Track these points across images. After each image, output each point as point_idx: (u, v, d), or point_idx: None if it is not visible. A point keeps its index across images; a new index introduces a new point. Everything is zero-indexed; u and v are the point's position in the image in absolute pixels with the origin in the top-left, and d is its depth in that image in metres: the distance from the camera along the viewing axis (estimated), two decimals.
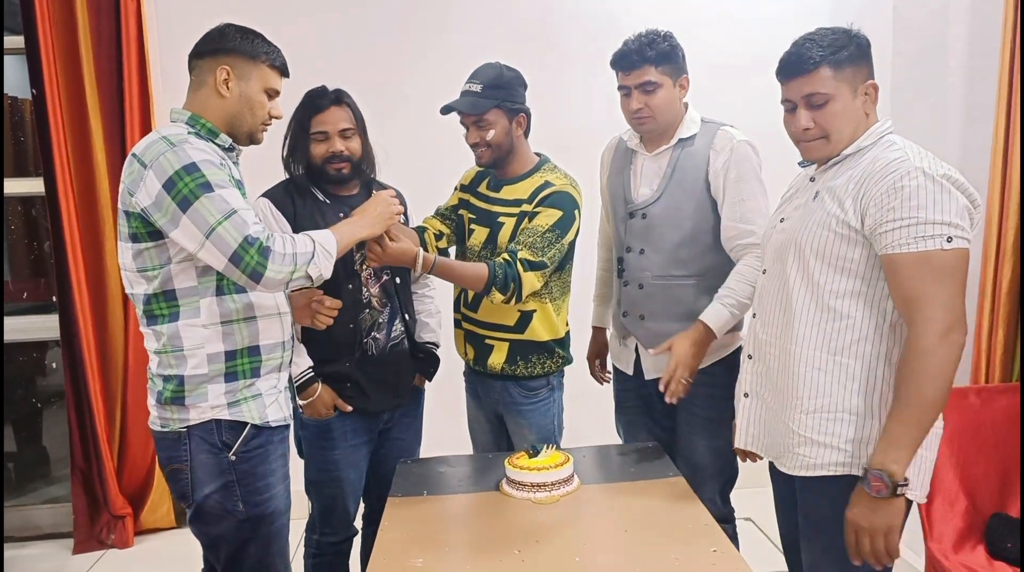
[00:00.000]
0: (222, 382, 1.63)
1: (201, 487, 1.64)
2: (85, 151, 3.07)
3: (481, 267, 1.97)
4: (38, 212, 3.54)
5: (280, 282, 1.55)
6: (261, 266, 1.50)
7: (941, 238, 1.38)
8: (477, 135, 2.05)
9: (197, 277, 1.60)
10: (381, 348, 2.10)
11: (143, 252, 1.58)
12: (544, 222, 2.01)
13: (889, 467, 1.37)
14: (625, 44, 2.00)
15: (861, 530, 1.41)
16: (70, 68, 3.02)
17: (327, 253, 1.62)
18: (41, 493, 3.58)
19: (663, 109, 2.00)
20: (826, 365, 1.52)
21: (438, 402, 2.41)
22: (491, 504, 1.78)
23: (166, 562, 3.06)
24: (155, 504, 3.28)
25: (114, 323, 3.17)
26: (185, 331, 1.60)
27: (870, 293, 1.49)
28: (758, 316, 1.69)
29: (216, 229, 1.49)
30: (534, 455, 1.85)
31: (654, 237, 2.07)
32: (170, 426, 1.63)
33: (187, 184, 1.49)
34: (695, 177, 2.02)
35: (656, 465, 1.96)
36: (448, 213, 2.29)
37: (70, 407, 3.16)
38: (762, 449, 1.70)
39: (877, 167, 1.45)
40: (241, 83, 1.65)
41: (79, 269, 3.07)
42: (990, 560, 2.20)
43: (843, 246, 1.48)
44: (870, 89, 1.52)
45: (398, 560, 1.52)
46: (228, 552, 1.69)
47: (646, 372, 2.14)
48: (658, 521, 1.66)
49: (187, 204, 1.49)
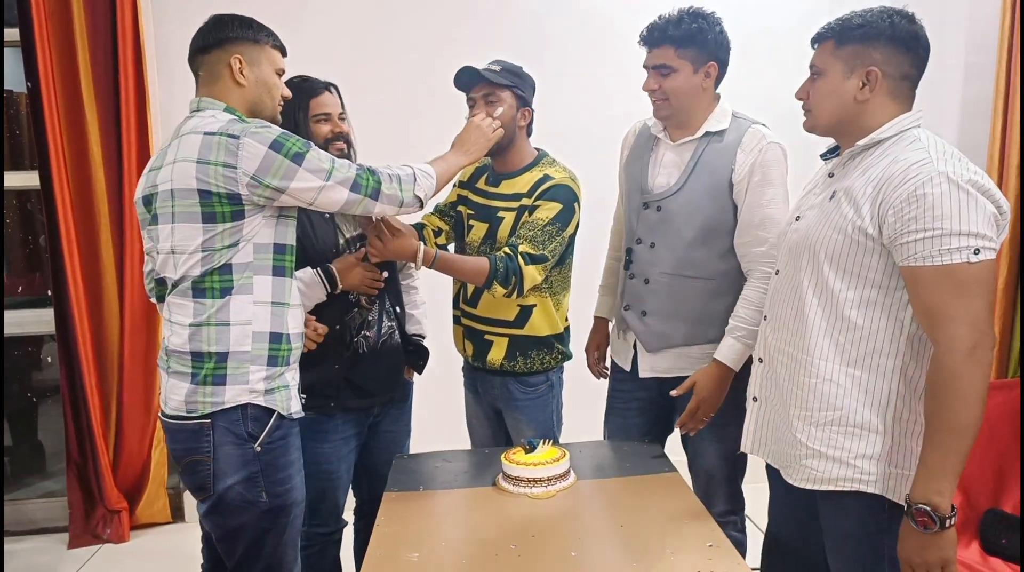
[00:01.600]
0: (264, 365, 1.64)
1: (224, 478, 1.62)
2: (81, 145, 3.05)
3: (482, 261, 1.97)
4: (33, 206, 3.53)
5: (394, 199, 1.69)
6: (378, 183, 1.67)
7: (968, 250, 1.29)
8: (484, 110, 2.02)
9: (254, 253, 1.62)
10: (372, 345, 2.09)
11: (218, 234, 1.58)
12: (544, 215, 2.00)
13: (932, 500, 1.30)
14: (656, 18, 1.92)
15: (916, 566, 1.34)
16: (65, 61, 3.00)
17: (427, 174, 1.76)
18: (36, 487, 3.56)
19: (679, 95, 1.91)
20: (838, 377, 1.46)
21: (436, 398, 2.41)
22: (487, 499, 1.78)
23: (162, 557, 3.04)
24: (151, 499, 3.27)
25: (110, 317, 3.16)
26: (235, 305, 1.61)
27: (887, 303, 1.41)
28: (769, 319, 1.64)
29: (333, 171, 1.63)
30: (530, 450, 1.85)
31: (667, 232, 1.98)
32: (199, 410, 1.61)
33: (294, 143, 1.60)
34: (719, 175, 1.92)
35: (652, 460, 1.96)
36: (447, 210, 2.28)
37: (65, 401, 3.15)
38: (768, 456, 1.66)
39: (897, 170, 1.37)
40: (255, 69, 1.69)
41: (74, 263, 3.06)
42: (984, 556, 2.21)
43: (859, 253, 1.41)
44: (871, 75, 1.44)
45: (394, 554, 1.52)
46: (246, 543, 1.68)
47: (642, 371, 2.08)
48: (654, 516, 1.66)
49: (300, 158, 1.59)
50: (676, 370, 2.03)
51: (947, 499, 1.30)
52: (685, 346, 2.02)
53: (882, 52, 1.43)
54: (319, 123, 2.03)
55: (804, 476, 1.52)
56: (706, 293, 1.98)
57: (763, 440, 1.66)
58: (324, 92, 2.04)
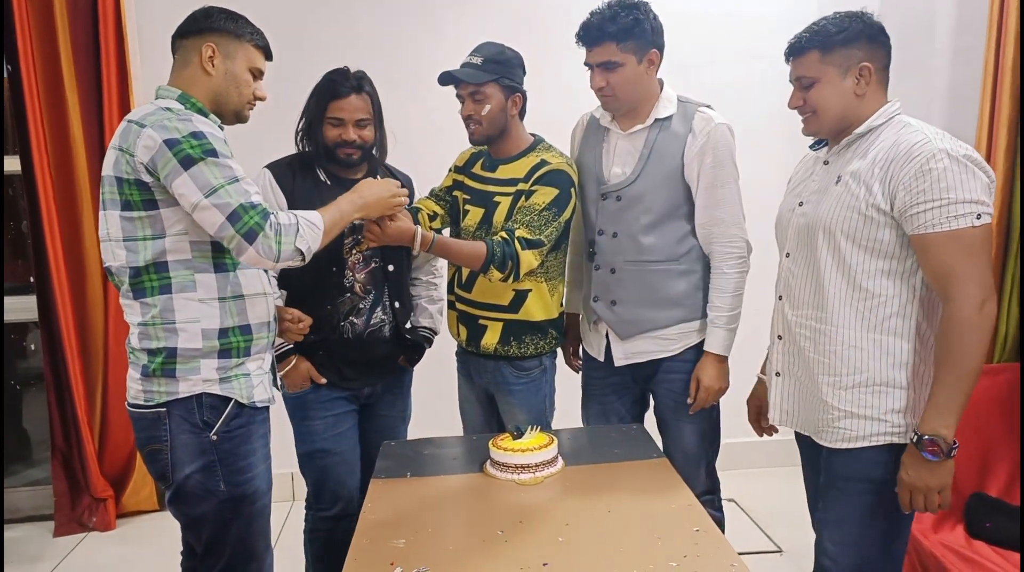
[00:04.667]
0: (215, 358, 1.63)
1: (182, 467, 1.62)
2: (62, 129, 3.02)
3: (479, 245, 1.96)
4: (15, 191, 3.48)
5: (272, 251, 1.54)
6: (259, 227, 1.51)
7: (972, 216, 1.46)
8: (472, 108, 2.02)
9: (191, 250, 1.59)
10: (358, 333, 2.09)
11: (135, 221, 1.57)
12: (541, 200, 2.00)
13: (941, 432, 1.48)
14: (589, 15, 1.93)
15: (917, 491, 1.51)
16: (46, 44, 2.96)
17: (313, 226, 1.62)
18: (22, 476, 3.54)
19: (626, 88, 1.95)
20: (863, 342, 1.59)
21: (429, 383, 2.41)
22: (475, 485, 1.78)
23: (148, 544, 3.04)
24: (137, 486, 3.27)
25: (93, 303, 3.14)
26: (179, 304, 1.59)
27: (900, 270, 1.56)
28: (785, 298, 1.74)
29: (219, 190, 1.50)
30: (518, 436, 1.85)
31: (628, 220, 2.02)
32: (155, 400, 1.61)
33: (193, 147, 1.51)
34: (672, 160, 1.98)
35: (640, 446, 1.96)
36: (443, 194, 2.27)
37: (49, 389, 3.13)
38: (798, 425, 1.76)
39: (901, 150, 1.51)
40: (227, 61, 1.67)
41: (57, 249, 3.03)
42: (969, 539, 2.22)
43: (873, 228, 1.55)
44: (865, 71, 1.57)
45: (380, 541, 1.51)
46: (209, 532, 1.68)
47: (616, 360, 2.11)
48: (641, 502, 1.66)
49: (191, 162, 1.50)
50: (649, 354, 2.08)
51: (952, 431, 1.48)
52: (656, 329, 2.05)
53: (864, 49, 1.58)
54: (330, 126, 2.03)
55: (839, 437, 1.63)
56: (672, 275, 2.03)
57: (791, 412, 1.76)
58: (349, 96, 2.01)
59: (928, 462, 1.50)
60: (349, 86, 2.02)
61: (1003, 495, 2.31)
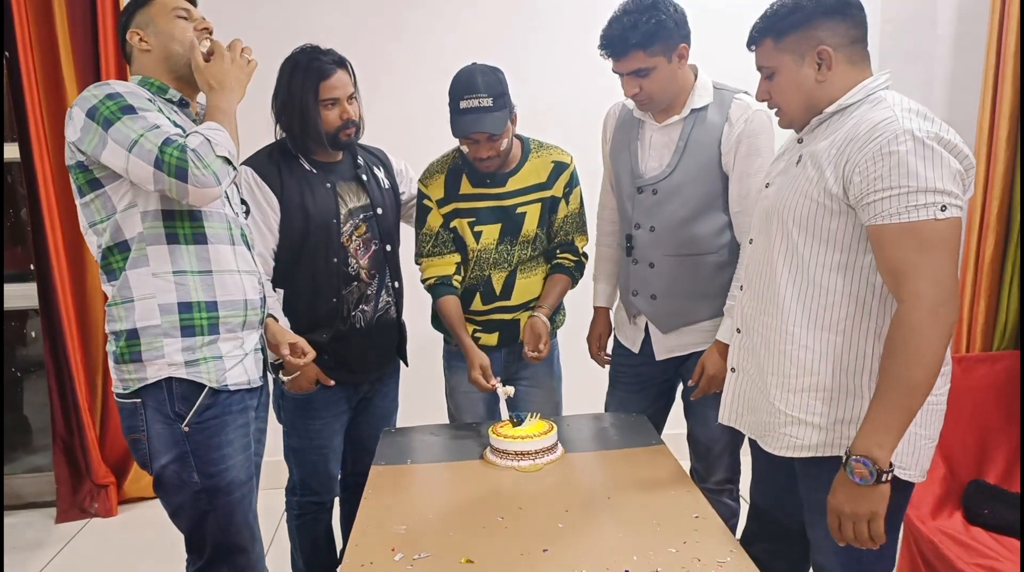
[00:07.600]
0: (179, 337, 1.59)
1: (158, 457, 1.62)
2: (61, 115, 2.99)
3: (564, 282, 2.18)
4: (14, 178, 3.47)
5: (208, 177, 1.47)
6: (182, 161, 1.45)
7: (934, 207, 1.27)
8: (490, 149, 1.96)
9: (142, 224, 1.56)
10: (369, 320, 2.07)
11: (89, 205, 1.58)
12: (577, 203, 2.20)
13: (872, 452, 1.29)
14: (609, 25, 1.85)
15: (844, 516, 1.35)
16: (43, 29, 2.94)
17: (216, 130, 1.54)
18: (23, 462, 3.55)
19: (661, 89, 1.88)
20: (812, 342, 1.44)
21: (422, 375, 2.40)
22: (475, 472, 1.78)
23: (150, 530, 3.04)
24: (138, 473, 3.27)
25: (93, 290, 3.13)
26: (134, 280, 1.57)
27: (856, 265, 1.40)
28: (745, 288, 1.62)
29: (138, 141, 1.46)
30: (518, 424, 1.86)
31: (665, 214, 1.96)
32: (130, 387, 1.60)
33: (108, 107, 1.48)
34: (709, 151, 1.92)
35: (639, 433, 1.97)
36: (443, 233, 2.13)
37: (50, 376, 3.13)
38: (745, 427, 1.64)
39: (861, 130, 1.35)
40: (151, 29, 1.65)
41: (56, 236, 3.02)
42: (967, 526, 2.23)
43: (825, 216, 1.40)
44: (824, 54, 1.42)
45: (381, 527, 1.52)
46: (189, 522, 1.68)
47: (657, 353, 2.07)
48: (641, 488, 1.66)
49: (109, 124, 1.47)
50: (691, 346, 2.05)
51: (887, 453, 1.30)
52: (698, 322, 2.02)
53: (822, 28, 1.42)
54: (328, 109, 1.93)
55: (783, 444, 1.51)
56: (711, 267, 1.98)
57: (740, 411, 1.65)
58: (335, 72, 1.92)
59: (855, 486, 1.31)
60: (331, 61, 1.93)
61: (1001, 482, 2.32)
